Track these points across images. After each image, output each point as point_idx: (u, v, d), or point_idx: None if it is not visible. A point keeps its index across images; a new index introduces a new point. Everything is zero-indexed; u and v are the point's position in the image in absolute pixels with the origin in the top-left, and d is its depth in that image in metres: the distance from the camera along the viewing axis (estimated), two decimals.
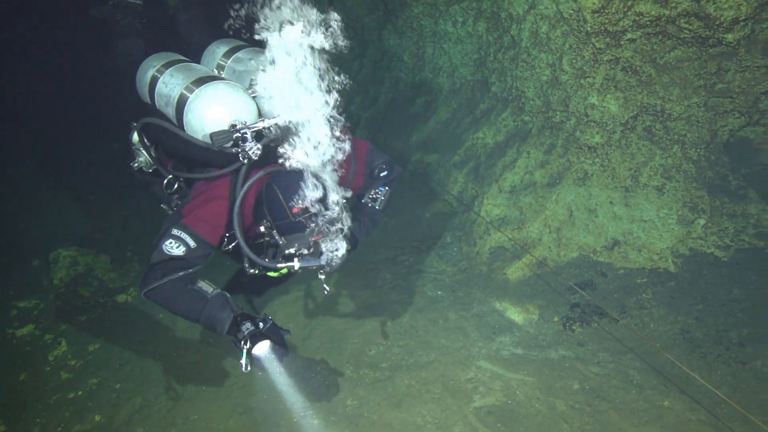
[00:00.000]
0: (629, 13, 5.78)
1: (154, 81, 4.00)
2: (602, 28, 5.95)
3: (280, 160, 3.41)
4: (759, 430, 3.99)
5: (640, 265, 5.98)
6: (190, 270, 3.52)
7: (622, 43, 6.01)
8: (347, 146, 3.53)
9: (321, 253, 3.57)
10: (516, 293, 5.96)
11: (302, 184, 3.35)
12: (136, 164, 4.38)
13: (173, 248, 3.41)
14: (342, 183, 3.67)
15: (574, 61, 6.37)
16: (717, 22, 5.48)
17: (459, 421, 4.31)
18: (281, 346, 3.54)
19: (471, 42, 8.23)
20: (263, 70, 3.31)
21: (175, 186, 4.10)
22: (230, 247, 3.83)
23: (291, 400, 4.40)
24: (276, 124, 3.42)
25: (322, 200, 3.41)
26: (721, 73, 5.79)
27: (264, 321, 3.55)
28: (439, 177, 8.17)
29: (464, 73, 8.56)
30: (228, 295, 3.66)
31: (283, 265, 3.55)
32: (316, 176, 3.39)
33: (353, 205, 4.49)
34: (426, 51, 9.23)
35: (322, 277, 3.81)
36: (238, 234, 3.47)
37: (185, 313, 3.53)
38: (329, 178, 3.47)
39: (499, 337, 5.31)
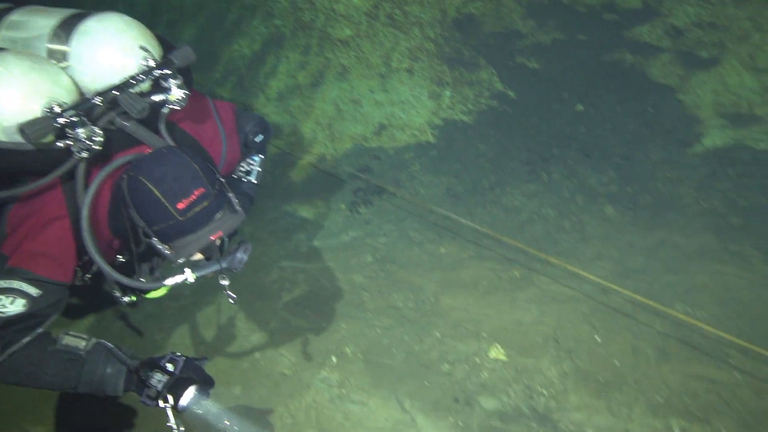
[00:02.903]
0: None
1: None
2: None
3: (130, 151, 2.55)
4: (511, 247, 4.89)
5: (406, 143, 6.59)
6: (40, 328, 2.52)
7: None
8: (210, 111, 2.92)
9: (222, 254, 2.78)
10: (303, 193, 6.18)
11: (181, 166, 2.46)
12: None
13: (7, 306, 2.40)
14: (217, 161, 3.06)
15: None
16: None
17: (272, 319, 4.51)
18: (205, 380, 2.77)
19: None
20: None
21: None
22: (88, 277, 2.84)
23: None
24: (116, 94, 2.54)
25: (213, 183, 2.55)
26: None
27: (173, 360, 2.67)
28: None
29: None
30: (108, 343, 2.72)
31: (172, 280, 2.69)
32: (191, 153, 2.57)
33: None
34: None
35: (225, 282, 2.88)
36: (97, 258, 2.49)
37: (56, 385, 2.58)
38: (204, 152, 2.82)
39: (295, 236, 5.54)
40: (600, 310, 4.34)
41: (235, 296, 2.94)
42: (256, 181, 3.74)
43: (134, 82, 2.62)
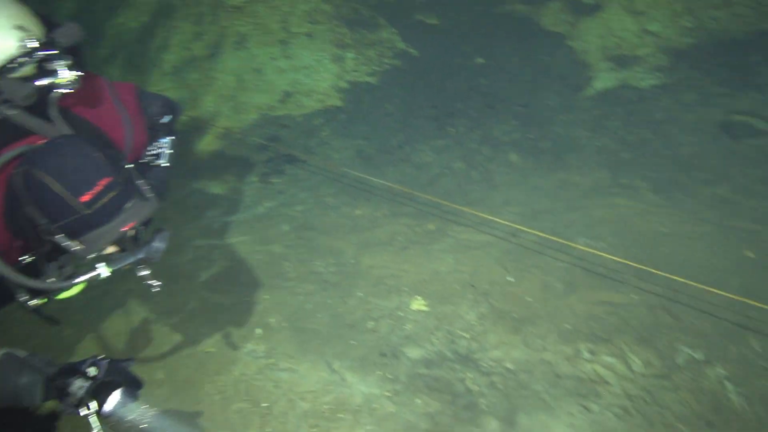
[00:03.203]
0: None
1: None
2: None
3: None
4: (424, 202, 5.01)
5: (314, 109, 6.51)
6: None
7: None
8: (108, 93, 2.63)
9: (138, 244, 2.61)
10: (211, 168, 6.00)
11: (81, 155, 2.29)
12: None
13: None
14: (121, 147, 2.85)
15: None
16: None
17: (190, 299, 4.41)
18: (131, 382, 2.63)
19: None
20: None
21: None
22: None
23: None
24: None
25: (119, 171, 2.40)
26: None
27: (95, 364, 2.51)
28: None
29: None
30: (20, 352, 2.53)
31: (84, 277, 2.51)
32: (91, 141, 2.41)
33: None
34: None
35: (146, 272, 2.76)
36: None
37: None
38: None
39: (207, 212, 5.40)
40: (511, 252, 4.57)
41: (158, 283, 2.74)
42: (167, 165, 3.51)
43: (14, 66, 2.38)
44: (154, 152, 3.43)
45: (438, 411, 3.48)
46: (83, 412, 2.40)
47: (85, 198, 2.25)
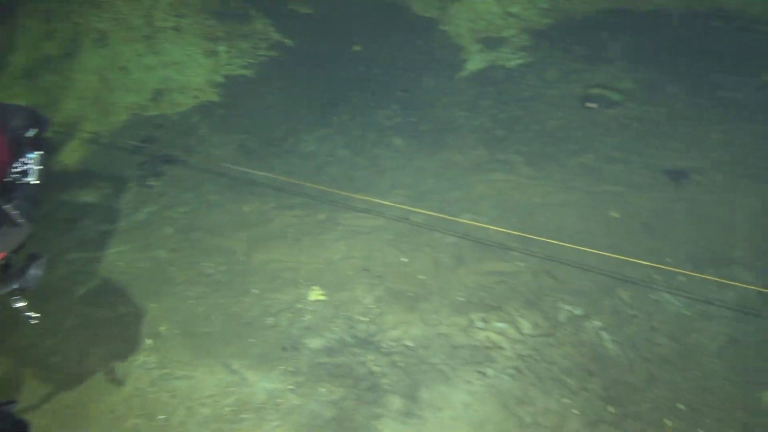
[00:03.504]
0: None
1: None
2: None
3: None
4: (312, 192, 4.97)
5: (189, 106, 6.22)
6: None
7: None
8: None
9: (10, 273, 2.39)
10: (80, 176, 5.55)
11: None
12: None
13: None
14: None
15: None
16: None
17: (67, 317, 4.06)
18: (16, 426, 2.39)
19: None
20: None
21: None
22: None
23: None
24: None
25: None
26: None
27: None
28: None
29: None
30: None
31: None
32: None
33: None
34: None
35: (21, 304, 2.55)
36: None
37: None
38: None
39: (79, 224, 4.99)
40: (402, 234, 4.66)
41: (36, 316, 2.56)
42: (36, 182, 3.23)
43: None
44: (21, 169, 3.06)
45: (342, 397, 3.49)
46: None
47: None
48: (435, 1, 6.80)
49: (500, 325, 4.01)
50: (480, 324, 4.01)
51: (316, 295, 4.20)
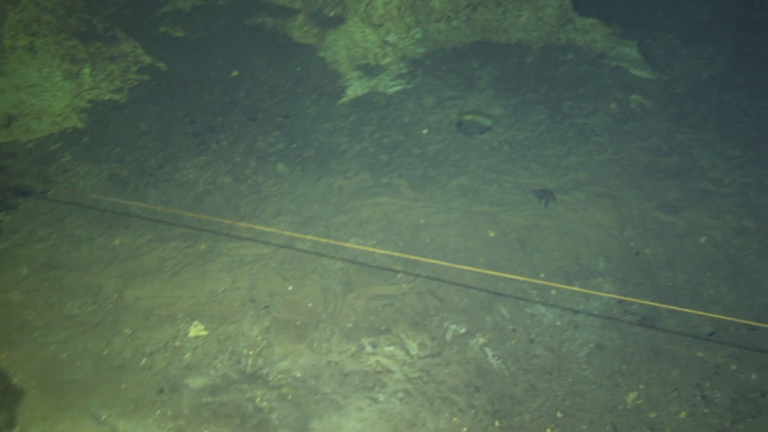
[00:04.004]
0: None
1: None
2: None
3: None
4: (192, 222, 4.72)
5: (47, 132, 5.69)
6: None
7: None
8: None
9: None
10: None
11: None
12: None
13: None
14: None
15: None
16: None
17: None
18: None
19: None
20: None
21: None
22: None
23: None
24: None
25: None
26: None
27: None
28: None
29: None
30: None
31: None
32: None
33: None
34: None
35: None
36: None
37: None
38: None
39: None
40: (288, 262, 4.56)
41: None
42: None
43: None
44: None
45: None
46: None
47: None
48: (312, 28, 6.85)
49: (389, 348, 4.02)
50: (370, 349, 4.00)
51: (197, 330, 3.96)
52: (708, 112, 6.40)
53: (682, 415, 3.86)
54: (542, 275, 4.63)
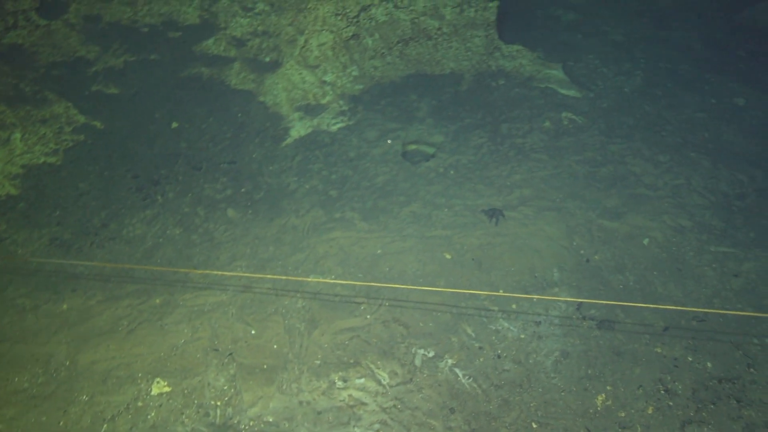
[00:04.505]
0: None
1: None
2: None
3: None
4: (144, 277, 4.58)
5: None
6: None
7: None
8: None
9: None
10: None
11: None
12: None
13: None
14: None
15: None
16: None
17: None
18: None
19: None
20: None
21: None
22: None
23: None
24: None
25: None
26: None
27: None
28: None
29: None
30: None
31: None
32: None
33: None
34: None
35: None
36: None
37: None
38: None
39: None
40: (248, 306, 4.48)
41: None
42: None
43: None
44: None
45: None
46: None
47: None
48: (250, 74, 6.91)
49: (360, 381, 3.98)
50: (340, 384, 3.94)
51: (160, 387, 3.81)
52: (634, 123, 6.81)
53: (650, 410, 3.97)
54: (501, 290, 4.73)
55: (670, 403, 4.01)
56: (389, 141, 5.99)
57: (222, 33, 6.99)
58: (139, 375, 3.87)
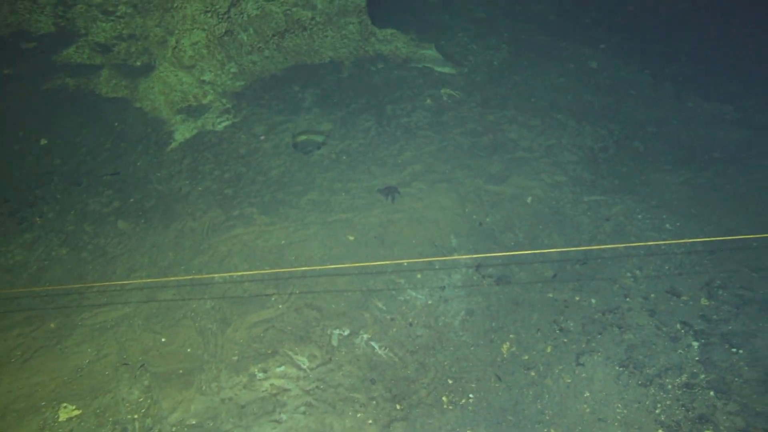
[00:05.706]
0: None
1: None
2: None
3: None
4: (33, 303, 4.30)
5: None
6: None
7: None
8: None
9: None
10: None
11: None
12: None
13: None
14: None
15: None
16: None
17: None
18: None
19: None
20: None
21: None
22: None
23: None
24: None
25: None
26: None
27: None
28: None
29: None
30: None
31: None
32: None
33: None
34: None
35: None
36: None
37: None
38: None
39: None
40: (155, 315, 4.35)
41: None
42: None
43: None
44: None
45: None
46: None
47: None
48: (121, 80, 6.59)
49: (280, 369, 4.03)
50: (261, 375, 3.97)
51: (68, 412, 3.63)
52: (506, 92, 7.30)
53: (549, 349, 4.37)
54: (405, 264, 4.95)
55: (565, 340, 4.43)
56: (262, 137, 6.02)
57: (83, 40, 6.59)
58: (42, 404, 3.66)
